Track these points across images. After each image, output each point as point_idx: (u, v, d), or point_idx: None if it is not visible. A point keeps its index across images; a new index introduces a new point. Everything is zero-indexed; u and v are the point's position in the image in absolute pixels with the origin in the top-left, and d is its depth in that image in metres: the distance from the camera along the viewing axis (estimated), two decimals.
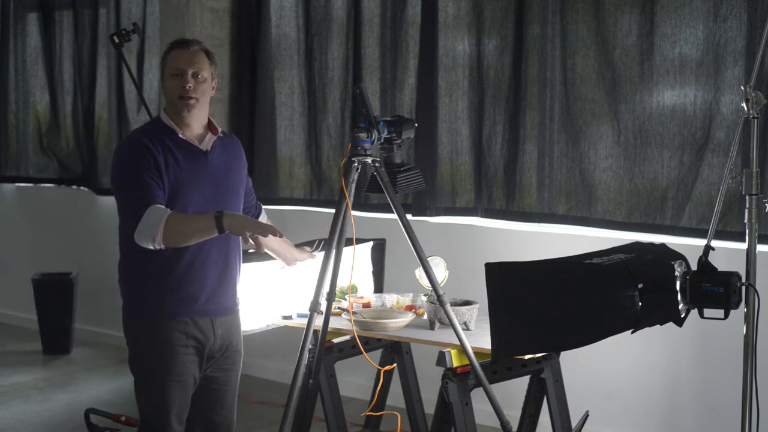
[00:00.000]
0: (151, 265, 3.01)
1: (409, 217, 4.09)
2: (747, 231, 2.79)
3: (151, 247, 2.92)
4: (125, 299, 3.13)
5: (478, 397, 3.40)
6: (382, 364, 4.06)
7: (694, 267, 2.71)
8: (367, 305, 3.90)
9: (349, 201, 3.30)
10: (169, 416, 3.06)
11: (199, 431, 3.22)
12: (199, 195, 3.04)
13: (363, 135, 3.28)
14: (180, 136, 3.06)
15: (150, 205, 2.91)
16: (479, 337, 3.42)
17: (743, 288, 2.72)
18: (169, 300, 3.03)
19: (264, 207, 3.60)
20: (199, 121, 3.11)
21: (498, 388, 3.41)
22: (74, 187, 6.89)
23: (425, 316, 3.66)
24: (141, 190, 2.93)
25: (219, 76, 3.25)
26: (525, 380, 3.73)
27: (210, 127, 3.15)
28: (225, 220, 2.88)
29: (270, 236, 3.08)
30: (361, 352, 3.52)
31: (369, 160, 3.30)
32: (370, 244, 4.15)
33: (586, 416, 3.68)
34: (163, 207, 2.93)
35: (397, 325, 3.58)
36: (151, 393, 3.08)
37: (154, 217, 2.89)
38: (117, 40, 5.10)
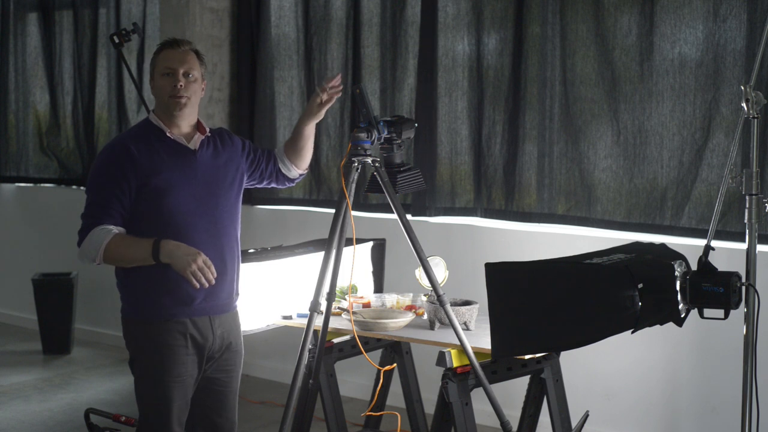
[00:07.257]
0: (146, 267, 3.00)
1: (409, 217, 4.09)
2: (747, 231, 2.79)
3: (94, 264, 3.02)
4: (123, 302, 3.13)
5: (478, 397, 3.40)
6: (382, 364, 4.06)
7: (694, 267, 2.71)
8: (367, 305, 3.90)
9: (349, 201, 3.30)
10: (170, 417, 3.05)
11: None
12: (187, 193, 3.04)
13: (363, 135, 3.28)
14: (168, 135, 3.07)
15: (95, 226, 2.97)
16: (479, 337, 3.42)
17: (743, 288, 2.72)
18: (166, 301, 3.03)
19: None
20: (189, 120, 3.13)
21: (498, 388, 3.41)
22: (74, 187, 6.89)
23: (425, 316, 3.66)
24: (97, 206, 2.99)
25: (218, 76, 3.25)
26: (525, 380, 3.73)
27: (198, 127, 3.18)
28: (162, 250, 2.92)
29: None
30: (361, 352, 3.52)
31: (369, 160, 3.30)
32: (370, 244, 4.15)
33: (586, 416, 3.68)
34: (109, 228, 2.97)
35: (397, 325, 3.58)
36: (151, 394, 3.07)
37: (95, 240, 2.96)
38: (117, 40, 5.09)
